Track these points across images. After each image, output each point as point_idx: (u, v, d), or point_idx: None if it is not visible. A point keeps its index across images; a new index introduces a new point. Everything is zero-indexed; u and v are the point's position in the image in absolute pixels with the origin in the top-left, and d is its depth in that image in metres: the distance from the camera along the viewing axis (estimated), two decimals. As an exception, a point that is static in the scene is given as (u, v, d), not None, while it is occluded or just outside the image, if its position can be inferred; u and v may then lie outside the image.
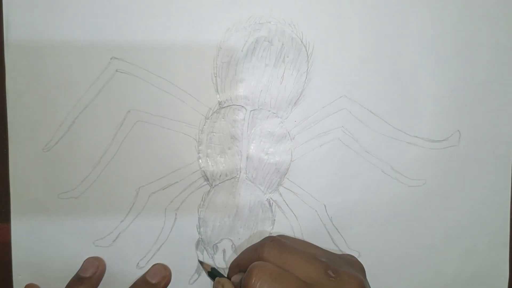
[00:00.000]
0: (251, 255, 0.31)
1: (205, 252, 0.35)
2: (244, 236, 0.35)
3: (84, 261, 0.34)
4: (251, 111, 0.35)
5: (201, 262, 0.35)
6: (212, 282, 0.34)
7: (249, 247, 0.33)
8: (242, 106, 0.35)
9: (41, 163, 0.34)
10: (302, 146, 0.35)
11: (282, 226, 0.36)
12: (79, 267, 0.34)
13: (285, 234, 0.35)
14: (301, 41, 0.35)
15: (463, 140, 0.36)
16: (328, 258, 0.31)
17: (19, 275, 0.35)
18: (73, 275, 0.34)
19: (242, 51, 0.34)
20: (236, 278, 0.32)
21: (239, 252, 0.35)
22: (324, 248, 0.33)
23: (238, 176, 0.35)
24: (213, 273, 0.34)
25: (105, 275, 0.35)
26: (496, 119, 0.36)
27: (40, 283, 0.35)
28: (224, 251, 0.35)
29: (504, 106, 0.36)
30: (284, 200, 0.36)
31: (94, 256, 0.34)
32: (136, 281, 0.34)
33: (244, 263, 0.31)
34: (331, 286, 0.28)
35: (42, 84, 0.34)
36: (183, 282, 0.35)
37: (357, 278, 0.29)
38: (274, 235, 0.34)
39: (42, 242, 0.35)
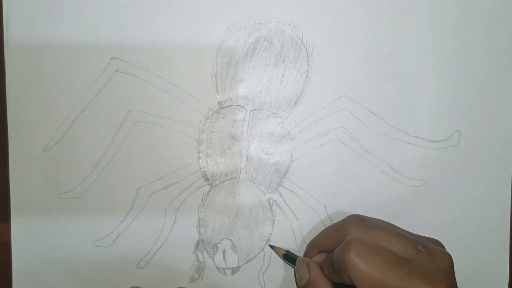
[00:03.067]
0: (334, 234, 0.31)
1: (205, 252, 0.35)
2: (244, 236, 0.35)
3: None
4: (251, 111, 0.35)
5: (272, 246, 0.35)
6: (285, 265, 0.34)
7: (329, 227, 0.33)
8: (242, 106, 0.35)
9: (41, 163, 0.34)
10: (302, 146, 0.35)
11: (282, 226, 0.36)
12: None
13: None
14: (301, 41, 0.35)
15: (463, 140, 0.36)
16: (413, 236, 0.31)
17: (19, 275, 0.35)
18: (73, 275, 0.34)
19: (242, 51, 0.34)
20: (318, 258, 0.32)
21: (239, 252, 0.35)
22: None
23: (238, 176, 0.35)
24: (288, 255, 0.34)
25: (105, 275, 0.35)
26: (496, 119, 0.36)
27: (40, 283, 0.35)
28: (224, 251, 0.35)
29: (504, 106, 0.36)
30: (284, 200, 0.36)
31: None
32: None
33: (326, 243, 0.31)
34: (424, 260, 0.28)
35: (42, 84, 0.34)
36: (183, 282, 0.35)
37: (447, 253, 0.29)
38: (353, 214, 0.33)
39: (42, 242, 0.35)
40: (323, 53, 0.35)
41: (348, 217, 0.32)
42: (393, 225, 0.33)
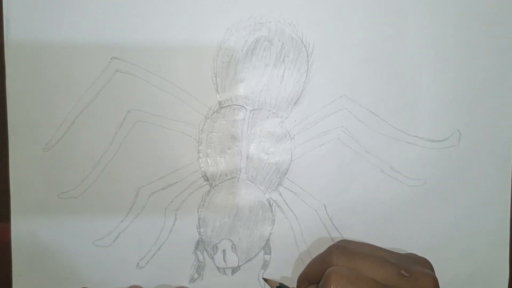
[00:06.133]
0: (319, 266, 0.31)
1: (205, 252, 0.35)
2: (244, 236, 0.35)
3: None
4: (251, 111, 0.35)
5: (265, 280, 0.35)
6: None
7: (315, 258, 0.33)
8: (242, 106, 0.35)
9: (41, 163, 0.34)
10: (302, 146, 0.35)
11: (282, 226, 0.36)
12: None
13: (349, 239, 0.35)
14: (301, 41, 0.35)
15: (463, 140, 0.36)
16: (397, 259, 0.30)
17: (19, 275, 0.35)
18: (73, 275, 0.34)
19: (242, 51, 0.34)
20: None
21: (239, 252, 0.35)
22: (389, 249, 0.32)
23: (238, 176, 0.35)
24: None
25: (105, 275, 0.35)
26: (496, 119, 0.36)
27: (40, 283, 0.35)
28: (224, 251, 0.35)
29: (504, 106, 0.36)
30: (284, 200, 0.36)
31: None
32: None
33: (313, 275, 0.31)
34: (406, 285, 0.28)
35: (42, 84, 0.34)
36: (183, 282, 0.35)
37: (431, 276, 0.29)
38: (336, 242, 0.33)
39: (42, 242, 0.35)
40: (323, 53, 0.35)
41: (330, 247, 0.32)
42: (377, 248, 0.32)
